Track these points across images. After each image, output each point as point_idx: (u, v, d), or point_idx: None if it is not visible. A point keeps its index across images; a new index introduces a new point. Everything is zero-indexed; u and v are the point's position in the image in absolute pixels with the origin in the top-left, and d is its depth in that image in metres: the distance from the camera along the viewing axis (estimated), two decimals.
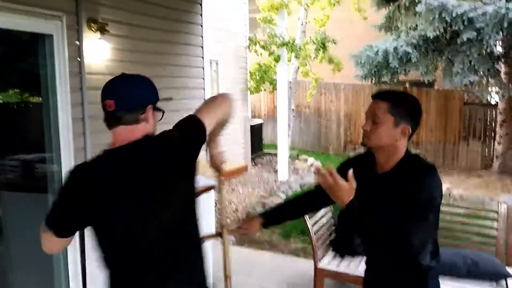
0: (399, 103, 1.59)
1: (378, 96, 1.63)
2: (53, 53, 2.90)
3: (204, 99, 4.67)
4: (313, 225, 3.35)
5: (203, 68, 4.62)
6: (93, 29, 3.22)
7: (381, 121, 1.58)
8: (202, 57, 4.60)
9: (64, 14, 2.95)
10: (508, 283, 2.99)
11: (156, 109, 1.48)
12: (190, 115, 1.55)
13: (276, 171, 8.13)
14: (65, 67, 2.95)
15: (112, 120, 1.40)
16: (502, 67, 8.27)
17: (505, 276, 2.99)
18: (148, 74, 1.50)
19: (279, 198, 6.48)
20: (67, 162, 2.95)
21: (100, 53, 3.30)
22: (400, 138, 1.59)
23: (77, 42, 3.10)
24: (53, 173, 2.98)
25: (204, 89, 4.65)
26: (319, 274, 3.22)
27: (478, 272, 2.99)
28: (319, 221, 3.49)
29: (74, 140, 3.01)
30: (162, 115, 1.50)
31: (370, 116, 1.62)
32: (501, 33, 6.87)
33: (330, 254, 3.40)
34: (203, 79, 4.64)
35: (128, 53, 3.55)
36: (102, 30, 3.25)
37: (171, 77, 4.10)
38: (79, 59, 3.10)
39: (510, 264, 3.21)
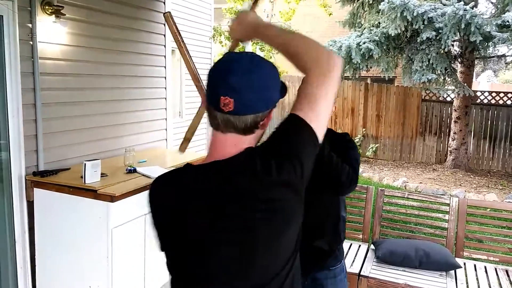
0: None
1: None
2: (3, 35, 2.74)
3: (166, 88, 4.58)
4: None
5: (164, 57, 4.52)
6: (47, 11, 3.06)
7: None
8: (164, 46, 4.48)
9: None
10: (457, 274, 3.13)
11: None
12: (292, 117, 0.97)
13: None
14: (16, 50, 2.80)
15: (223, 123, 0.95)
16: (458, 66, 8.60)
17: (455, 267, 3.12)
18: (106, 61, 1.38)
19: None
20: (16, 149, 2.81)
21: (54, 37, 3.15)
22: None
23: (30, 25, 2.95)
24: (1, 161, 2.83)
25: (165, 78, 4.55)
26: None
27: (430, 263, 3.11)
28: None
29: (25, 127, 2.87)
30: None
31: None
32: (458, 34, 7.13)
33: None
34: (165, 67, 4.54)
35: (85, 38, 3.40)
36: (57, 13, 3.09)
37: (131, 65, 3.98)
38: (32, 43, 2.95)
39: (459, 255, 3.35)
